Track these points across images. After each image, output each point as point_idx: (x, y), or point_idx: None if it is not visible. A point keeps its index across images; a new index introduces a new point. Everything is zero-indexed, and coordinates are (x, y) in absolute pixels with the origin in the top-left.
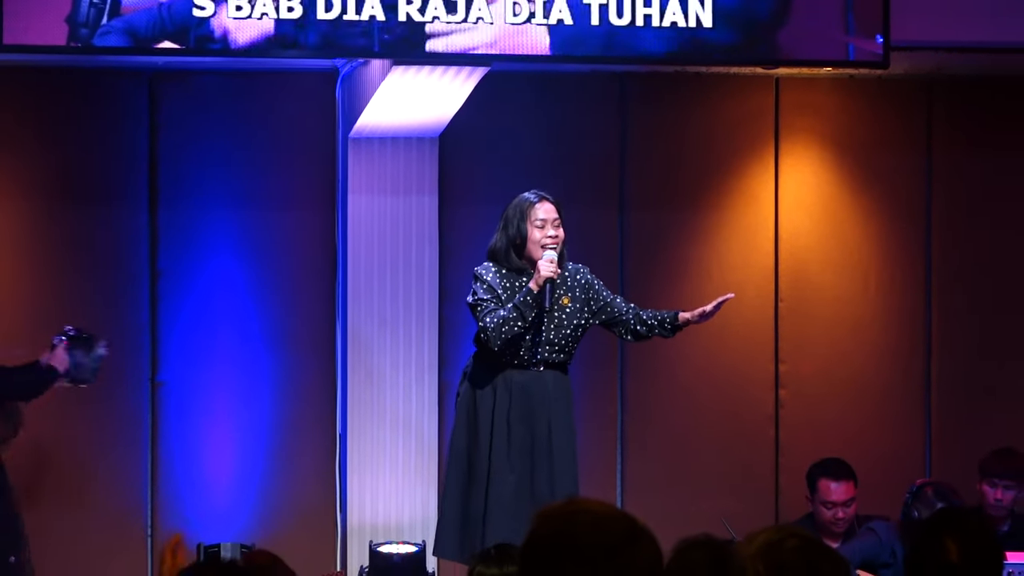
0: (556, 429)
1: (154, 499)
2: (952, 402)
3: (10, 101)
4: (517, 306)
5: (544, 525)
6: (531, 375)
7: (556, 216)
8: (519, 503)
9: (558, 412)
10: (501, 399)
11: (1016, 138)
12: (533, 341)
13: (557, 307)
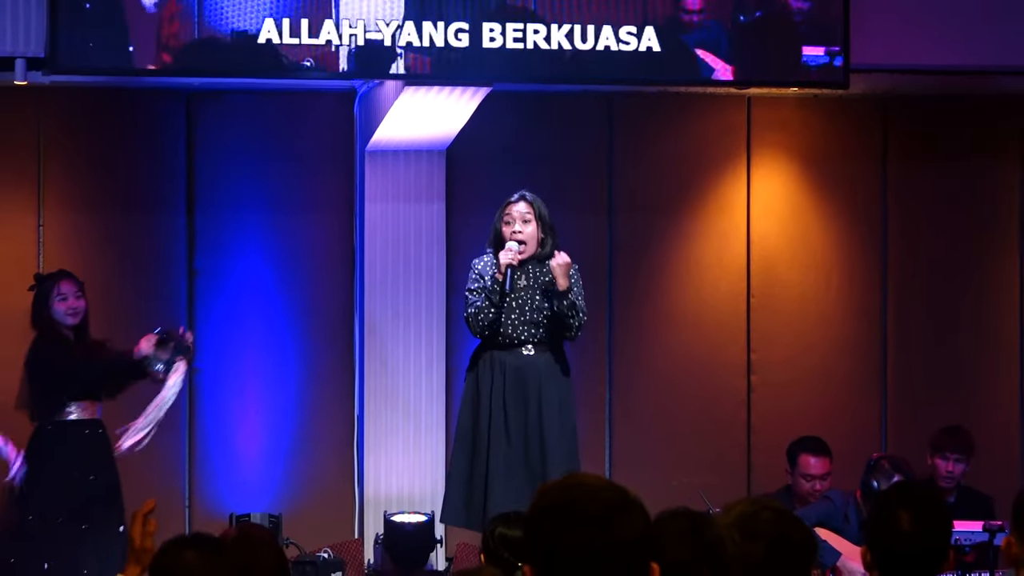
0: (546, 405)
1: (191, 475)
2: (905, 386)
3: (62, 119)
4: (487, 295)
5: (546, 496)
6: (524, 358)
7: (525, 213)
8: (516, 473)
9: (549, 390)
10: (497, 380)
11: (961, 151)
12: (521, 321)
13: (539, 287)
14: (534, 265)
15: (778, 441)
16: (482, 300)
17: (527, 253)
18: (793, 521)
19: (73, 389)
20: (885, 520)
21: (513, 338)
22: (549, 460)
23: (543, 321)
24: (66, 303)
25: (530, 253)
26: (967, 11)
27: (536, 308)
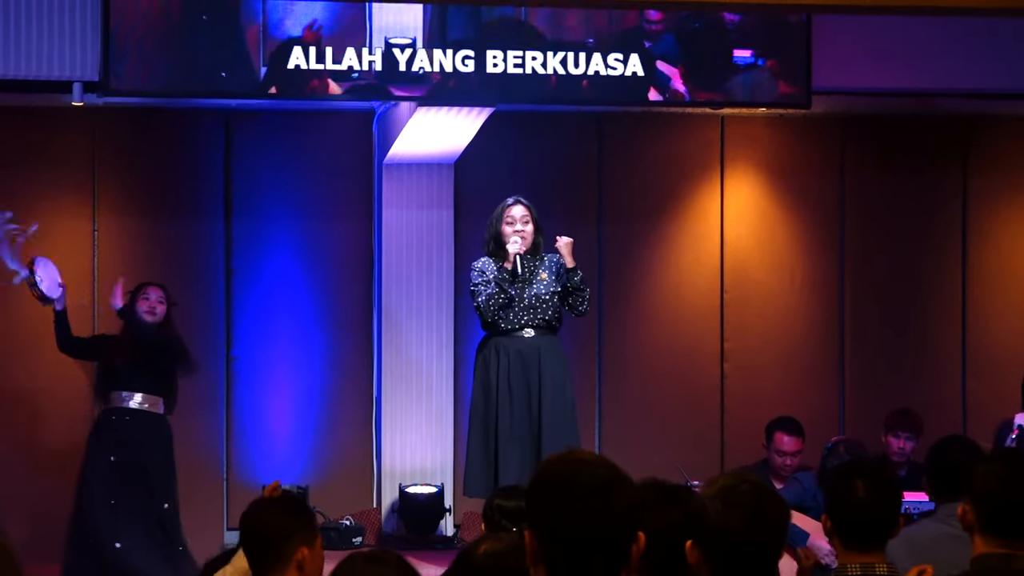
0: (546, 380)
1: (228, 451)
2: (861, 371)
3: (114, 135)
4: (498, 283)
5: (546, 469)
6: (525, 341)
7: (524, 215)
8: (520, 443)
9: (548, 367)
10: (503, 363)
11: (910, 164)
12: (520, 308)
13: (536, 280)
14: (529, 261)
15: (748, 421)
16: (492, 288)
17: (526, 247)
18: (769, 493)
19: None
20: (842, 491)
21: (514, 324)
22: (547, 429)
23: (540, 308)
24: (148, 302)
25: (527, 248)
26: (914, 42)
27: (533, 297)
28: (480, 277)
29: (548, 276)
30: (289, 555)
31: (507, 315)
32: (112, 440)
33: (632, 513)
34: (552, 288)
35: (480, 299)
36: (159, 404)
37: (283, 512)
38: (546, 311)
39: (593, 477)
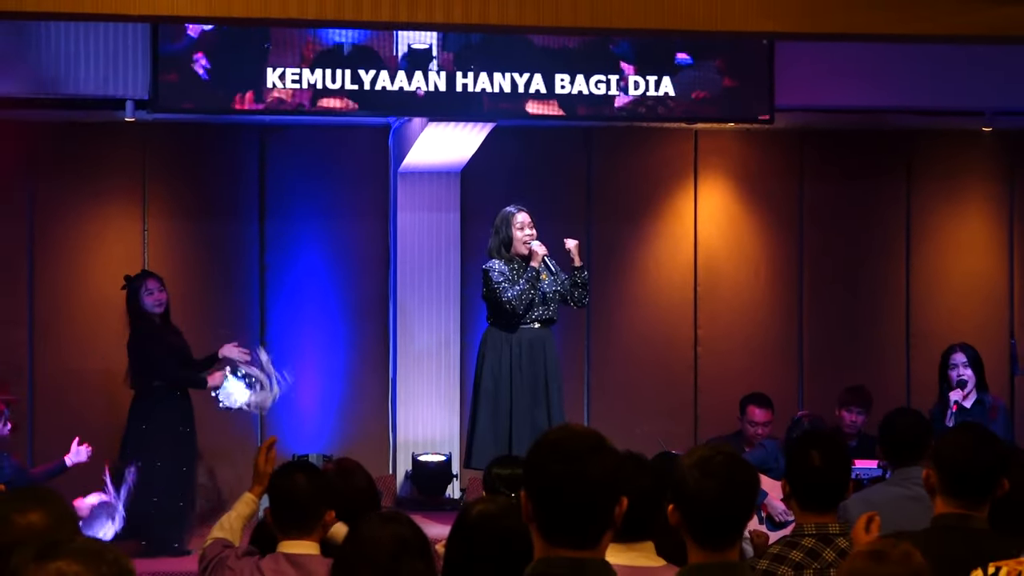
0: (551, 366)
1: (262, 423)
2: (817, 353)
3: (161, 147)
4: (529, 280)
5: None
6: (534, 332)
7: (529, 221)
8: (533, 421)
9: (551, 357)
10: (515, 351)
11: (860, 172)
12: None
13: (540, 281)
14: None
15: (718, 398)
16: (523, 285)
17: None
18: (742, 463)
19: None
20: (800, 459)
21: (526, 319)
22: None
23: (544, 304)
24: (152, 297)
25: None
26: (863, 65)
27: (543, 293)
28: (502, 276)
29: (548, 276)
30: (318, 518)
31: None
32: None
33: (616, 478)
34: (553, 287)
35: (510, 295)
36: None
37: (311, 482)
38: (548, 307)
39: (580, 443)
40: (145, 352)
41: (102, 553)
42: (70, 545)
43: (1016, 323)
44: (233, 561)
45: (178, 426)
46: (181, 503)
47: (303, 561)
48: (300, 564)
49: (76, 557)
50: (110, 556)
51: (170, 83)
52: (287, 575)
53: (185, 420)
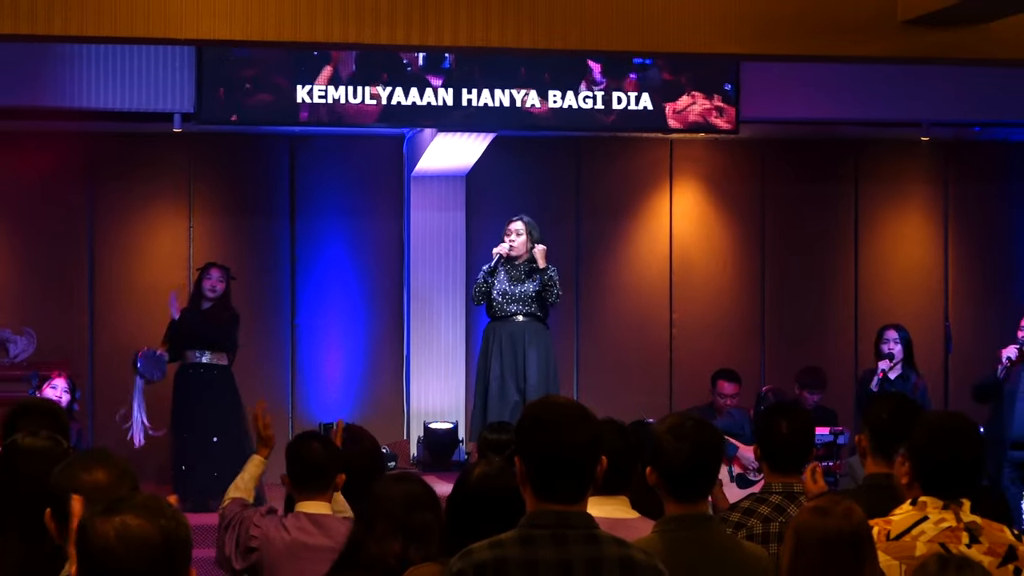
0: (529, 355)
1: (292, 395)
2: (776, 335)
3: (206, 154)
4: (485, 273)
5: (530, 408)
6: (515, 324)
7: (519, 228)
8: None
9: (532, 345)
10: (502, 341)
11: (814, 175)
12: (513, 300)
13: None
14: (523, 264)
15: (691, 373)
16: (478, 278)
17: (516, 253)
18: (709, 427)
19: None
20: (769, 427)
21: (508, 312)
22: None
23: (526, 301)
24: (209, 282)
25: (518, 254)
26: (816, 82)
27: (522, 292)
28: (480, 274)
29: (528, 276)
30: (331, 480)
31: (501, 306)
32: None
33: (595, 442)
34: (536, 288)
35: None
36: (224, 357)
37: (324, 448)
38: (530, 304)
39: (566, 416)
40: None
41: (161, 508)
42: (132, 501)
43: (950, 308)
44: (258, 519)
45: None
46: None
47: (322, 520)
48: (319, 523)
49: (138, 512)
50: (168, 511)
51: (213, 98)
52: (309, 531)
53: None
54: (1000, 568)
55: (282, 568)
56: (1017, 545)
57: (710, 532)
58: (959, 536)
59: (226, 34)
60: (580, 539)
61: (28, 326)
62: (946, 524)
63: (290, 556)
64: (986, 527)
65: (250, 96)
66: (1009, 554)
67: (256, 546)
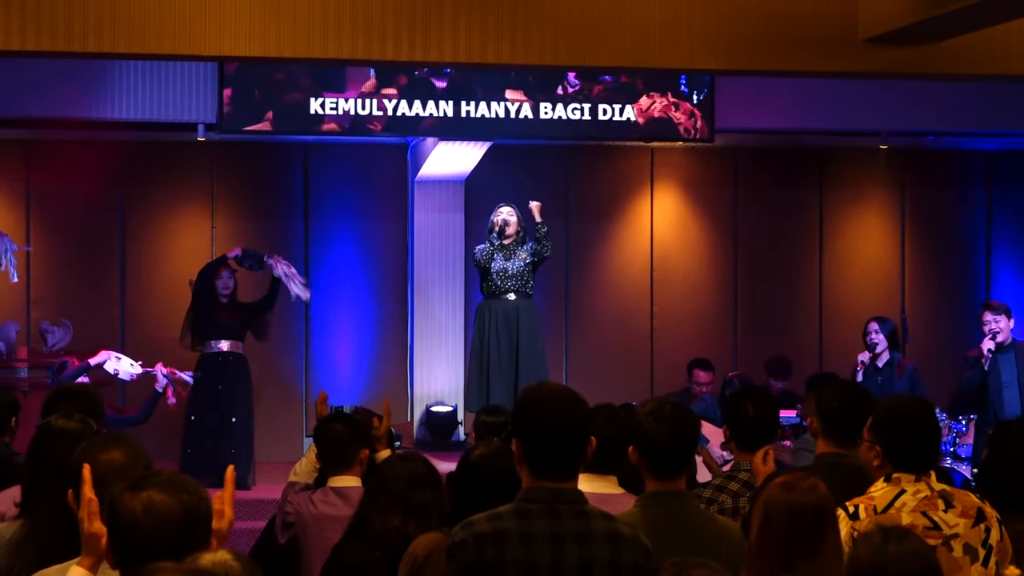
0: (523, 332)
1: (306, 381)
2: (748, 326)
3: (227, 161)
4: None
5: (525, 394)
6: (509, 304)
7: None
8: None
9: (524, 325)
10: (493, 318)
11: (782, 181)
12: (505, 278)
13: (516, 258)
14: (513, 245)
15: (670, 360)
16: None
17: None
18: (686, 411)
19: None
20: (737, 410)
21: (502, 290)
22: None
23: (519, 278)
24: (221, 281)
25: (510, 237)
26: (786, 96)
27: (516, 269)
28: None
29: (526, 255)
30: (355, 456)
31: (495, 285)
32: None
33: (586, 425)
34: (528, 262)
35: (476, 255)
36: (239, 346)
37: (347, 429)
38: (524, 281)
39: (558, 399)
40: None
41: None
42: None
43: (907, 301)
44: (292, 496)
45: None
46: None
47: (346, 492)
48: (344, 495)
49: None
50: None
51: (233, 110)
52: (333, 503)
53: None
54: (974, 528)
55: (312, 539)
56: (983, 506)
57: (686, 507)
58: (936, 503)
59: (246, 51)
60: (571, 513)
61: (65, 318)
62: (922, 494)
63: (318, 527)
64: (955, 493)
65: (267, 108)
66: (979, 515)
67: (292, 521)
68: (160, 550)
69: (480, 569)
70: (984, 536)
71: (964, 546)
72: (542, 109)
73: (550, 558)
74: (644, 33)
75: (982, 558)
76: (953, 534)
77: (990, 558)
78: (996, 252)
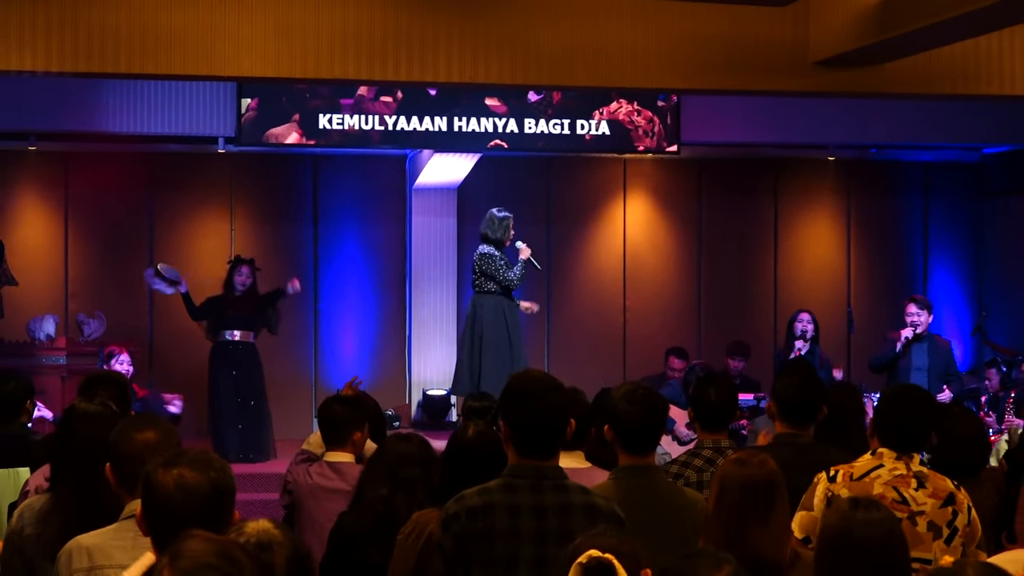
0: (511, 324)
1: (316, 368)
2: (710, 319)
3: (244, 170)
4: (525, 266)
5: (512, 381)
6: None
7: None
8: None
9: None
10: (487, 313)
11: (742, 189)
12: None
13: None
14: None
15: (641, 348)
16: (520, 270)
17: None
18: (655, 394)
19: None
20: (701, 394)
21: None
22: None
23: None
24: (240, 277)
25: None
26: (744, 113)
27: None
28: (502, 259)
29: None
30: (351, 435)
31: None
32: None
33: (566, 408)
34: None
35: (513, 274)
36: (251, 336)
37: (344, 409)
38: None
39: (542, 387)
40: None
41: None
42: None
43: (852, 295)
44: (294, 466)
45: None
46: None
47: (341, 467)
48: (338, 469)
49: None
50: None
51: (249, 124)
52: (328, 476)
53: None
54: (941, 508)
55: (307, 506)
56: (956, 493)
57: (655, 480)
58: (908, 481)
59: (261, 72)
60: (552, 488)
61: (99, 311)
62: (898, 472)
63: (312, 497)
64: (932, 476)
65: (280, 122)
66: (949, 498)
67: (290, 488)
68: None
69: (472, 538)
70: (951, 518)
71: (928, 523)
72: (526, 124)
73: (534, 528)
74: (617, 56)
75: (945, 536)
76: (919, 511)
77: (954, 538)
78: (932, 252)
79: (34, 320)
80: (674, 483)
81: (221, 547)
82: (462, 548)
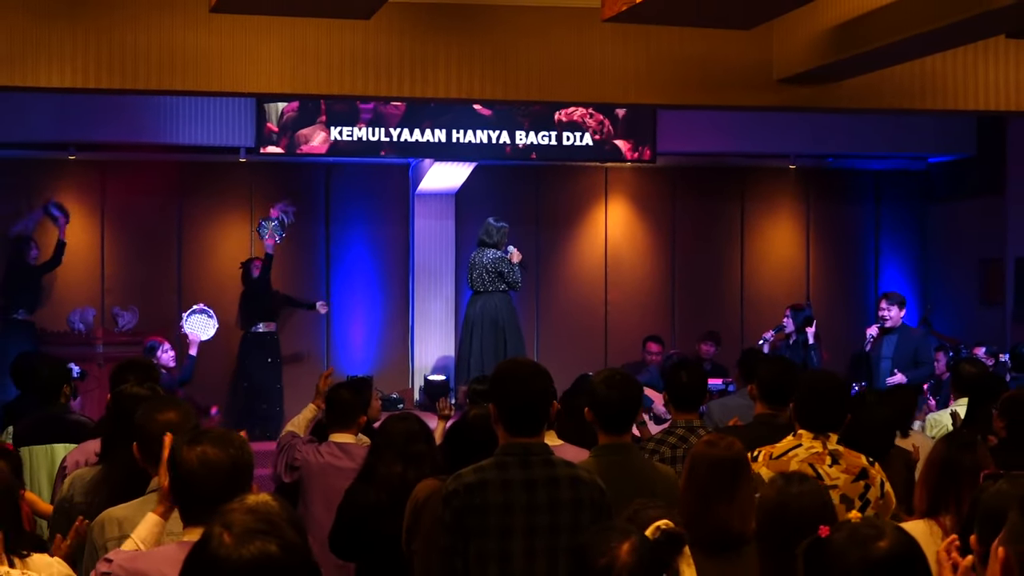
0: (506, 324)
1: (328, 355)
2: (683, 312)
3: (264, 178)
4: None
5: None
6: (500, 298)
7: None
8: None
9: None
10: (480, 309)
11: (712, 195)
12: (487, 280)
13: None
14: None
15: (620, 338)
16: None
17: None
18: (631, 379)
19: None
20: (674, 377)
21: (488, 288)
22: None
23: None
24: (254, 270)
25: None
26: (714, 125)
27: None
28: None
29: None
30: (355, 419)
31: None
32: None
33: (549, 391)
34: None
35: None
36: (273, 326)
37: (351, 395)
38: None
39: (528, 372)
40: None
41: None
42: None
43: (811, 292)
44: (301, 446)
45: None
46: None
47: (346, 447)
48: (344, 449)
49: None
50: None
51: (268, 135)
52: (337, 456)
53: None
54: (854, 483)
55: (316, 483)
56: (869, 468)
57: (632, 456)
58: (823, 459)
59: (278, 88)
60: (540, 463)
61: (132, 303)
62: (814, 450)
63: (321, 474)
64: (846, 453)
65: (296, 133)
66: (862, 473)
67: (298, 466)
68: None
69: (470, 511)
70: (863, 491)
71: (841, 496)
72: (517, 136)
73: (525, 500)
74: (599, 74)
75: (857, 507)
76: (832, 485)
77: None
78: (883, 252)
79: (74, 312)
80: (649, 459)
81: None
82: (461, 521)
